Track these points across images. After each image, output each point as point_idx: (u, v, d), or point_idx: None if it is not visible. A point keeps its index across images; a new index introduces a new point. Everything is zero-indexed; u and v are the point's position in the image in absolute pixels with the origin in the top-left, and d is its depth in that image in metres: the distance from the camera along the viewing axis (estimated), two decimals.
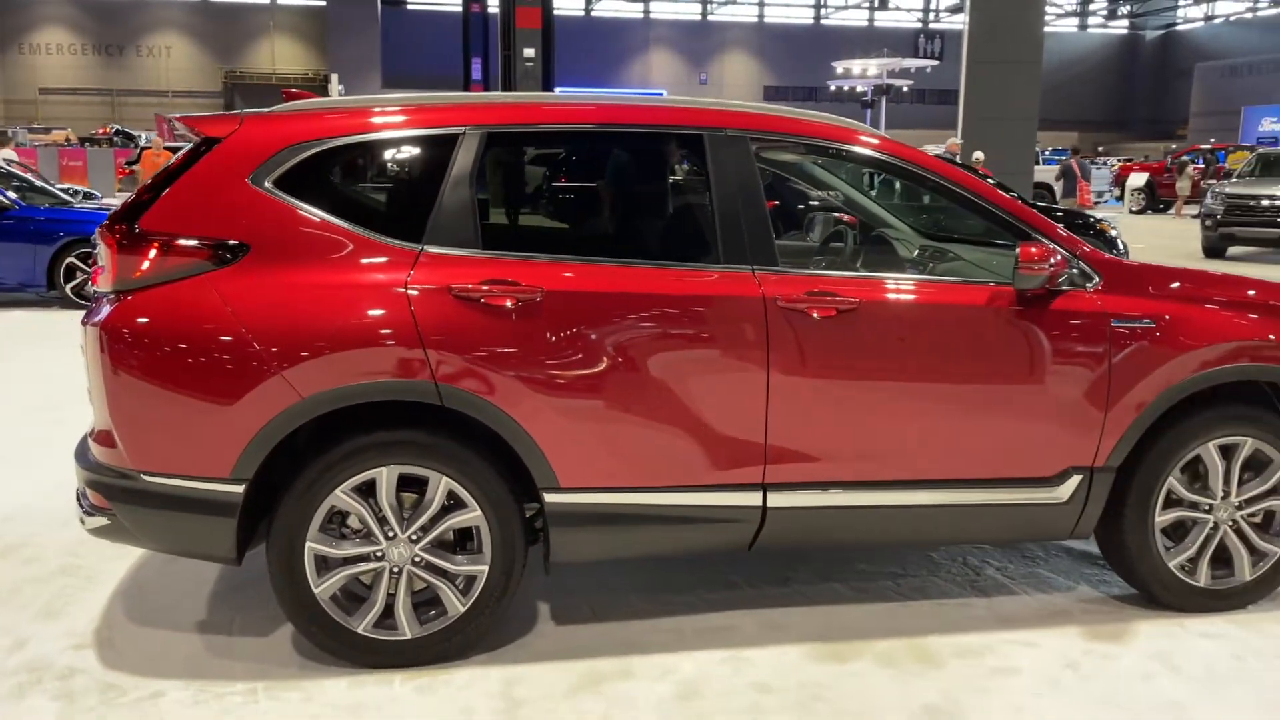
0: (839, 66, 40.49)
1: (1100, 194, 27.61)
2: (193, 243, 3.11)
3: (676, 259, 3.43)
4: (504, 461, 3.26)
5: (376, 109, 3.36)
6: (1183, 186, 27.70)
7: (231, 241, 3.13)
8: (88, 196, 14.02)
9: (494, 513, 3.25)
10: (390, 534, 3.22)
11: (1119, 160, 36.78)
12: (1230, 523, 3.71)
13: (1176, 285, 3.71)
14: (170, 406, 3.07)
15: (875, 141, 3.61)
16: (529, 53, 27.00)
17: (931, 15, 59.07)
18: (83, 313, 3.25)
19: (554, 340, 3.20)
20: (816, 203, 5.23)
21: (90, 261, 10.69)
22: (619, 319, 3.25)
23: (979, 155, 16.59)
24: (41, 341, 9.06)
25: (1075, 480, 3.57)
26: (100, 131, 35.71)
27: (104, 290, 3.18)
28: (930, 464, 3.50)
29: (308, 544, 3.16)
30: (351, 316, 3.11)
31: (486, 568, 3.27)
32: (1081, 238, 9.79)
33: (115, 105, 50.85)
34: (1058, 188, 17.83)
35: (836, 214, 5.00)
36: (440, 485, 3.21)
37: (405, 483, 3.22)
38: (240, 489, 3.10)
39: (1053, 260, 3.39)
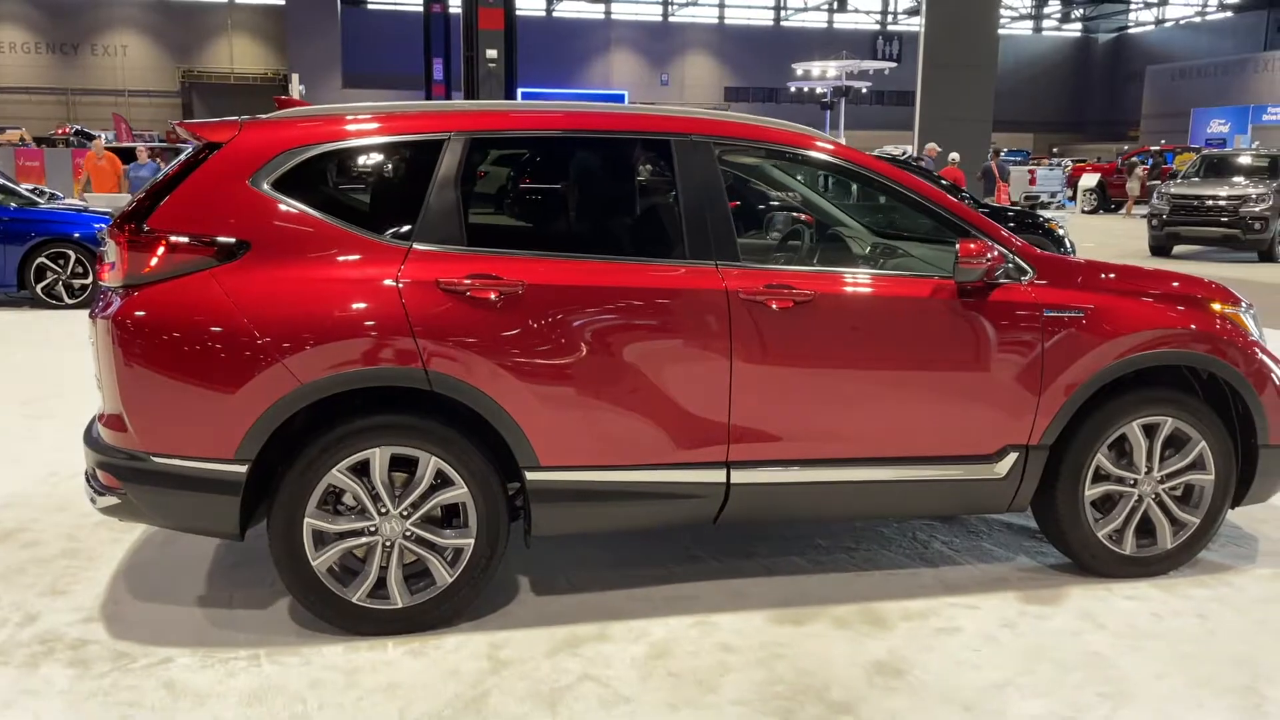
0: (798, 68, 41.00)
1: (1053, 194, 28.30)
2: (197, 240, 3.35)
3: (646, 255, 3.72)
4: (488, 442, 3.53)
5: (368, 116, 3.62)
6: (1132, 187, 28.44)
7: (233, 239, 3.37)
8: (52, 197, 14.05)
9: (479, 490, 3.51)
10: (383, 510, 3.47)
11: (1072, 161, 37.54)
12: (1153, 496, 4.06)
13: (1105, 279, 4.05)
14: (178, 393, 3.31)
15: (830, 147, 3.92)
16: (491, 54, 27.18)
17: (890, 18, 59.84)
18: (55, 313, 3.48)
19: (534, 330, 3.47)
20: (777, 204, 5.53)
21: (61, 261, 10.79)
22: (594, 310, 3.53)
23: (954, 156, 17.03)
24: (14, 341, 9.16)
25: (1012, 457, 3.90)
26: (58, 131, 35.37)
27: (113, 285, 3.41)
28: (880, 443, 3.81)
29: (306, 520, 3.41)
30: (346, 309, 3.36)
31: (472, 541, 3.54)
32: (1031, 237, 10.17)
33: (70, 104, 50.31)
34: (979, 188, 18.28)
35: (795, 214, 5.31)
36: (429, 465, 3.47)
37: (397, 462, 3.48)
38: (243, 469, 3.34)
39: (989, 255, 3.71)
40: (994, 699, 3.19)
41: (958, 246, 3.72)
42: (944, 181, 15.58)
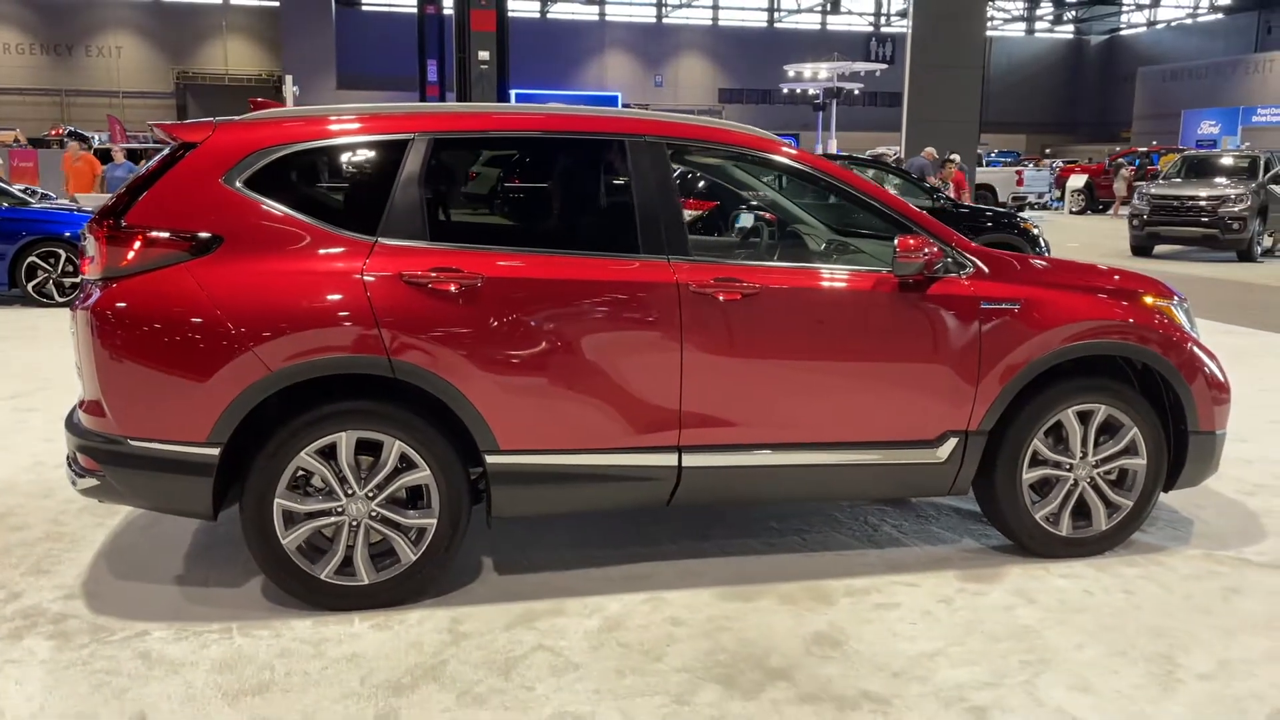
0: (790, 70, 41.22)
1: (1040, 195, 28.55)
2: (172, 235, 3.54)
3: (603, 249, 3.91)
4: (450, 427, 3.72)
5: (336, 117, 3.81)
6: (1119, 188, 28.67)
7: (206, 234, 3.56)
8: (44, 198, 14.22)
9: (441, 472, 3.70)
10: (349, 491, 3.66)
11: (1061, 163, 37.80)
12: (1088, 480, 4.26)
13: (1042, 273, 4.26)
14: (153, 379, 3.50)
15: (778, 147, 4.12)
16: (483, 55, 27.32)
17: (883, 19, 60.11)
18: (45, 310, 3.66)
19: (493, 320, 3.67)
20: (745, 204, 5.73)
21: (52, 260, 10.97)
22: (551, 301, 3.72)
23: (955, 157, 17.24)
24: (6, 338, 9.34)
25: (952, 443, 4.10)
26: (53, 132, 35.50)
27: (93, 278, 3.60)
28: (825, 428, 4.00)
29: (276, 500, 3.60)
30: (314, 300, 3.55)
31: (435, 521, 3.73)
32: (1006, 236, 10.36)
33: (65, 105, 50.46)
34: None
35: (759, 212, 5.51)
36: (394, 448, 3.66)
37: (363, 446, 3.67)
38: (216, 452, 3.53)
39: (927, 250, 3.91)
40: (922, 667, 3.39)
41: (896, 242, 3.92)
42: (932, 183, 15.80)
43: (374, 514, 3.70)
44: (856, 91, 45.36)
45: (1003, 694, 3.22)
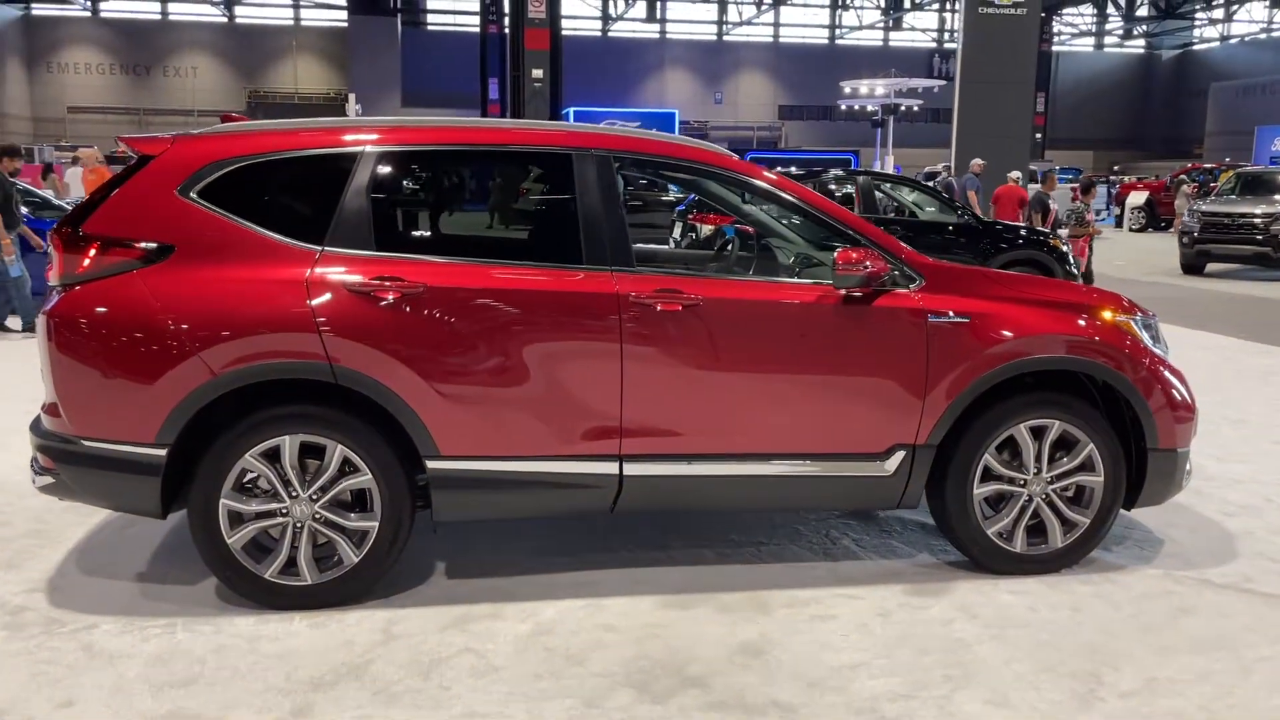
0: (846, 86, 41.00)
1: (1097, 212, 27.94)
2: (126, 244, 3.69)
3: (547, 260, 3.98)
4: (393, 433, 3.81)
5: (288, 131, 3.94)
6: (1179, 205, 27.95)
7: (159, 243, 3.70)
8: None
9: (383, 476, 3.80)
10: (293, 494, 3.77)
11: (1121, 179, 37.03)
12: (1043, 496, 4.21)
13: (995, 287, 4.23)
14: (104, 381, 3.65)
15: (724, 159, 4.16)
16: (537, 73, 27.68)
17: (946, 35, 59.53)
18: None
19: (435, 329, 3.75)
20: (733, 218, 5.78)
21: None
22: (492, 311, 3.80)
23: (1015, 174, 17.08)
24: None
25: (900, 456, 4.09)
26: (120, 152, 36.61)
27: (53, 284, 3.77)
28: (768, 439, 4.02)
29: (222, 501, 3.72)
30: (257, 306, 3.67)
31: (377, 524, 3.82)
32: (1034, 254, 10.22)
33: (142, 124, 52.04)
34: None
35: (738, 225, 5.54)
36: (336, 452, 3.76)
37: (308, 449, 3.78)
38: (163, 453, 3.66)
39: (869, 263, 3.91)
40: (841, 677, 3.39)
41: (835, 255, 3.93)
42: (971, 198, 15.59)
43: (317, 516, 3.80)
44: (916, 108, 44.95)
45: (915, 706, 3.21)
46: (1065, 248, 11.29)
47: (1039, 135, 55.01)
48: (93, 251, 3.69)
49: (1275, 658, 3.57)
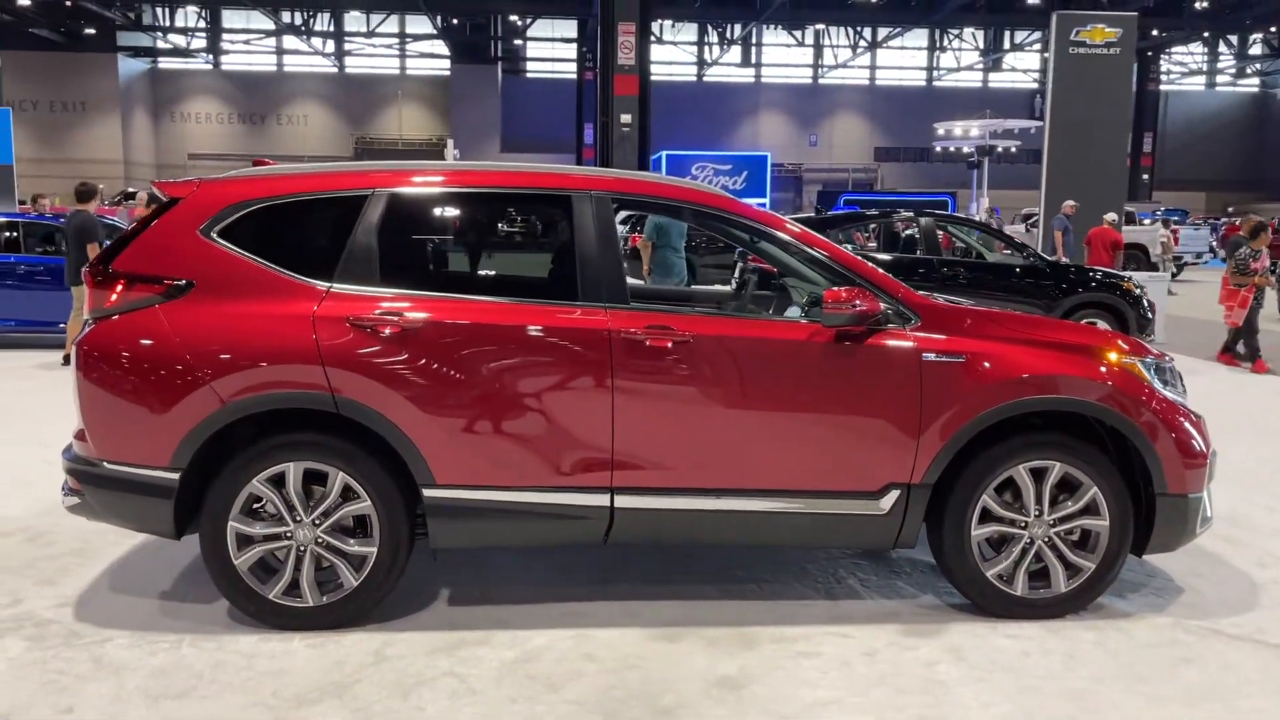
0: (940, 128, 40.61)
1: (1198, 255, 27.11)
2: (149, 280, 3.95)
3: (544, 297, 4.11)
4: (392, 461, 3.97)
5: (305, 175, 4.18)
6: None
7: (179, 279, 3.95)
8: None
9: (382, 503, 3.95)
10: (297, 518, 3.95)
11: (1228, 221, 35.75)
12: (1045, 539, 4.15)
13: (993, 327, 4.20)
14: (124, 407, 3.89)
15: (710, 198, 4.26)
16: (625, 118, 28.11)
17: (1047, 76, 58.54)
18: None
19: (433, 362, 3.91)
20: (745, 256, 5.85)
21: None
22: (487, 345, 3.95)
23: (1110, 217, 16.78)
24: None
25: (894, 495, 4.08)
26: None
27: (85, 317, 4.05)
28: (759, 475, 4.06)
29: (230, 523, 3.92)
30: (265, 339, 3.88)
31: (375, 549, 3.97)
32: (1106, 297, 9.97)
33: None
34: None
35: (758, 264, 5.61)
36: (337, 479, 3.94)
37: (312, 476, 3.96)
38: (176, 476, 3.88)
39: (859, 302, 3.95)
40: (812, 714, 3.40)
41: (824, 293, 3.98)
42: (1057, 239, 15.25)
43: (319, 540, 3.97)
44: (1013, 149, 44.26)
45: None
46: (1139, 290, 10.98)
47: (1145, 176, 53.57)
48: (119, 287, 3.95)
49: (1270, 710, 3.46)
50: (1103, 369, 4.14)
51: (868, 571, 4.74)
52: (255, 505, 3.97)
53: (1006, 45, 54.14)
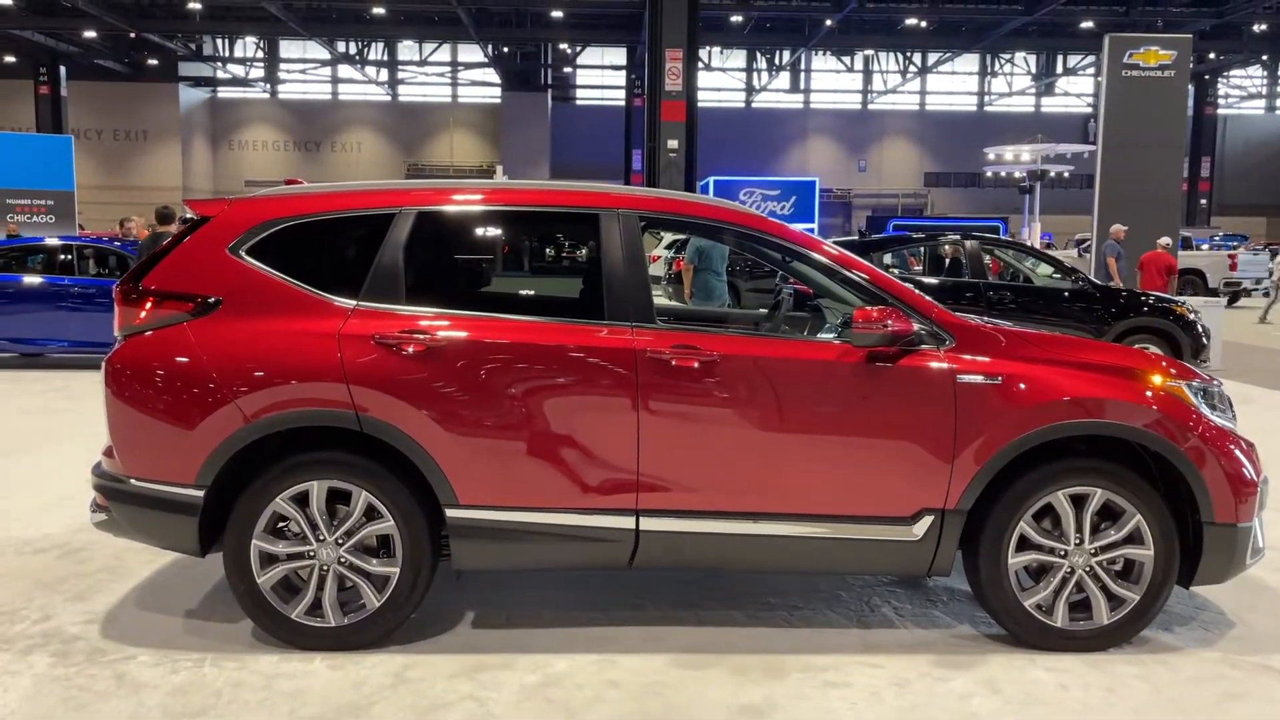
0: (990, 153, 40.16)
1: (1257, 281, 26.44)
2: (178, 297, 3.97)
3: (570, 316, 4.07)
4: (415, 481, 3.94)
5: (331, 194, 4.19)
6: None
7: (207, 297, 3.97)
8: None
9: (404, 523, 3.92)
10: (320, 537, 3.93)
11: None
12: (1086, 568, 4.00)
13: (1033, 349, 4.08)
14: (151, 424, 3.90)
15: (745, 218, 4.20)
16: (672, 144, 28.20)
17: (1101, 100, 57.81)
18: None
19: (457, 381, 3.88)
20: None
21: None
22: (511, 364, 3.91)
23: (1165, 241, 16.53)
24: None
25: (928, 520, 3.97)
26: None
27: (116, 334, 4.07)
28: (787, 499, 3.97)
29: (254, 542, 3.91)
30: (290, 357, 3.88)
31: (398, 570, 3.94)
32: (1159, 322, 9.74)
33: None
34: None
35: (793, 285, 5.53)
36: (360, 498, 3.91)
37: (335, 495, 3.94)
38: (201, 493, 3.88)
39: (891, 323, 3.85)
40: None
41: (853, 313, 3.89)
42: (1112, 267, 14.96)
43: (342, 560, 3.94)
44: (1066, 174, 43.69)
45: None
46: (1193, 315, 10.71)
47: (1204, 201, 52.56)
48: (149, 304, 3.98)
49: None
50: (1146, 392, 4.01)
51: (903, 600, 4.61)
52: (279, 524, 3.96)
53: (1059, 69, 53.56)
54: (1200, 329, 10.70)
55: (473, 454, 3.90)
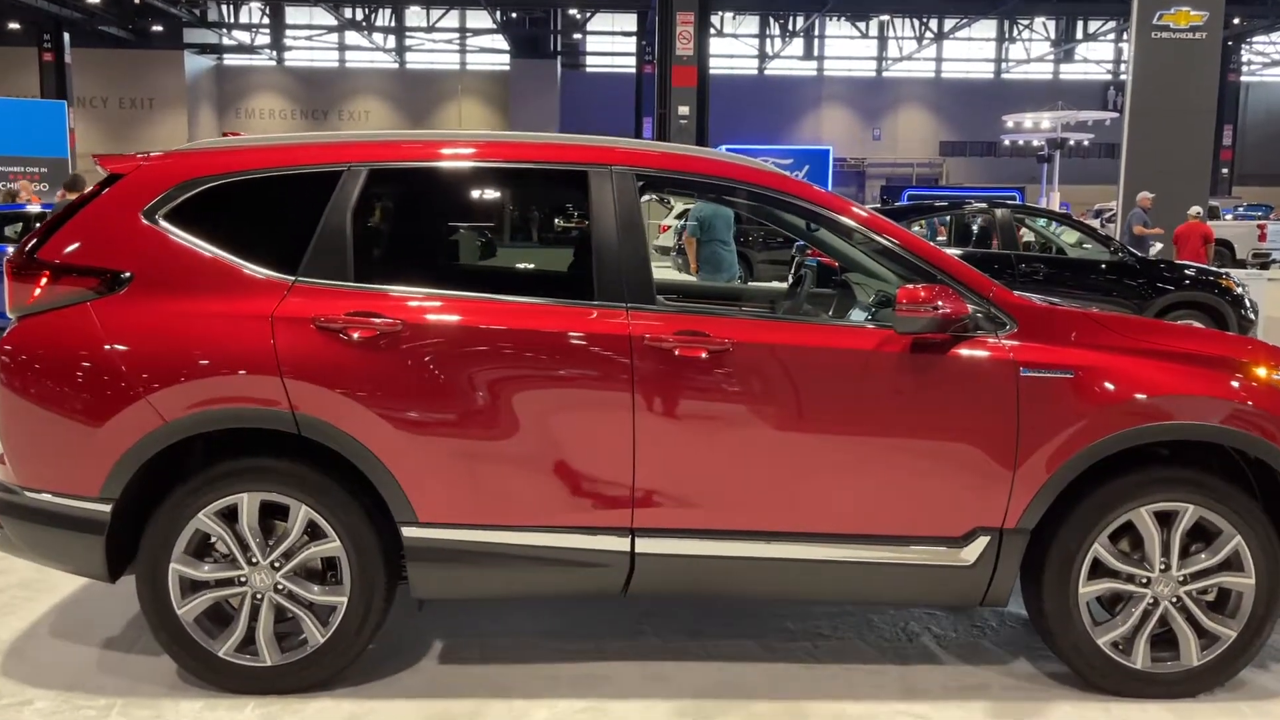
0: (1009, 120, 39.10)
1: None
2: (78, 272, 3.29)
3: (551, 295, 3.39)
4: (368, 493, 3.27)
5: (266, 147, 3.49)
6: None
7: (116, 271, 3.29)
8: None
9: (352, 544, 3.26)
10: (253, 560, 3.27)
11: None
12: (1173, 599, 3.33)
13: (1111, 335, 3.39)
14: (47, 426, 3.24)
15: (766, 177, 3.49)
16: (683, 110, 27.48)
17: (1121, 67, 56.53)
18: None
19: (415, 373, 3.21)
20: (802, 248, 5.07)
21: None
22: (480, 353, 3.23)
23: (1196, 210, 15.75)
24: None
25: (983, 542, 3.29)
26: None
27: (9, 315, 3.40)
28: (812, 517, 3.30)
29: (172, 565, 3.25)
30: (214, 345, 3.21)
31: (345, 599, 3.28)
32: (1204, 294, 8.98)
33: None
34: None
35: (813, 256, 4.83)
36: (300, 514, 3.25)
37: (270, 510, 3.28)
38: (107, 508, 3.22)
39: (942, 303, 3.16)
40: None
41: (897, 292, 3.19)
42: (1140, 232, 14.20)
43: (280, 587, 3.28)
44: (1086, 142, 42.65)
45: None
46: (1240, 289, 9.96)
47: (1225, 170, 51.43)
48: (44, 280, 3.30)
49: None
50: (1252, 388, 3.31)
51: (945, 625, 3.94)
52: (204, 544, 3.30)
53: (1079, 35, 52.37)
54: (1248, 303, 9.94)
55: (434, 462, 3.23)
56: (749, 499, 3.28)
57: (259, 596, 3.28)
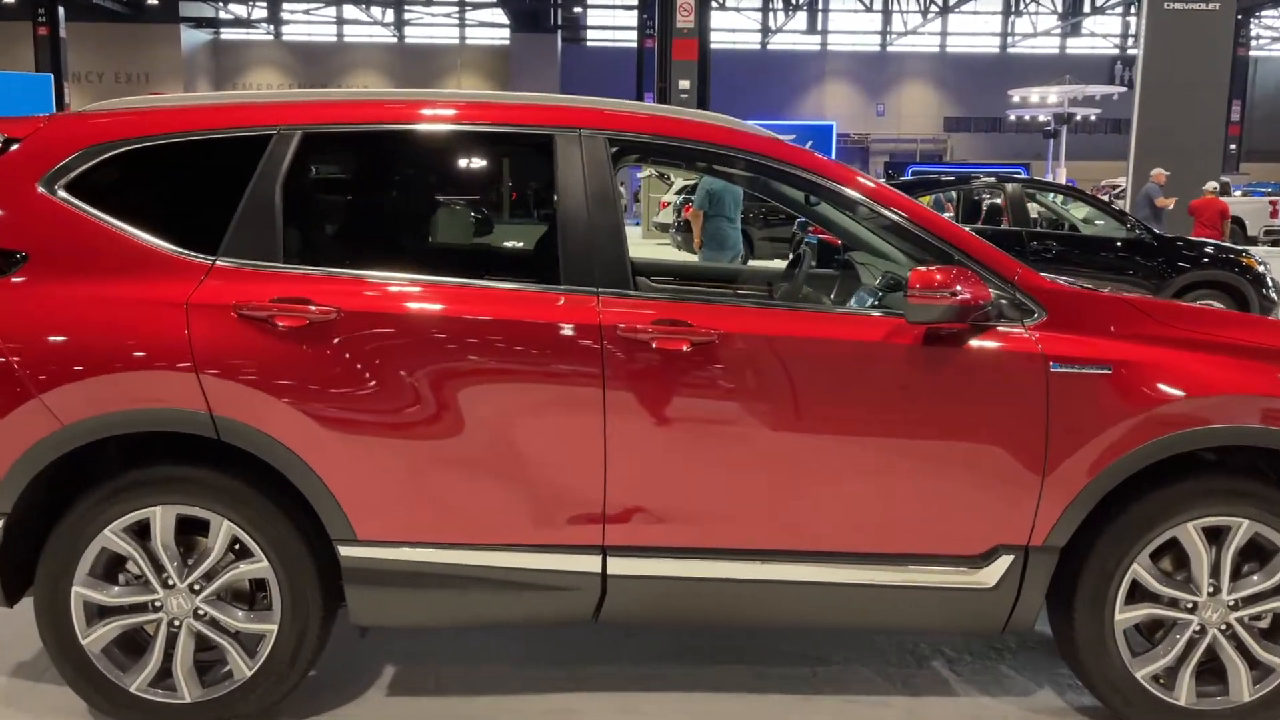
0: (1015, 95, 38.45)
1: None
2: None
3: (510, 278, 2.96)
4: (299, 506, 2.85)
5: (186, 109, 3.04)
6: None
7: (10, 252, 2.86)
8: None
9: (281, 564, 2.84)
10: (169, 582, 2.85)
11: None
12: (1222, 626, 2.91)
13: (1149, 324, 2.94)
14: None
15: (762, 144, 3.04)
16: (684, 84, 26.97)
17: (1129, 41, 55.76)
18: None
19: (351, 369, 2.78)
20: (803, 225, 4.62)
21: None
22: (429, 346, 2.80)
23: (1211, 185, 15.27)
24: None
25: (1005, 561, 2.87)
26: None
27: None
28: (810, 533, 2.87)
29: (74, 588, 2.83)
30: (119, 337, 2.77)
31: (276, 627, 2.87)
32: (1224, 274, 8.51)
33: None
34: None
35: (814, 233, 4.39)
36: (222, 530, 2.83)
37: (188, 525, 2.86)
38: None
39: (958, 288, 2.72)
40: None
41: (909, 276, 2.75)
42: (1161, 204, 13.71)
43: (200, 612, 2.87)
44: (1093, 117, 42.03)
45: None
46: (1262, 267, 9.49)
47: (1233, 146, 50.83)
48: None
49: None
50: None
51: (958, 649, 3.53)
52: (112, 564, 2.88)
53: (1086, 8, 51.60)
54: (1270, 282, 9.47)
55: (374, 471, 2.81)
56: (736, 513, 2.86)
57: (176, 623, 2.87)
